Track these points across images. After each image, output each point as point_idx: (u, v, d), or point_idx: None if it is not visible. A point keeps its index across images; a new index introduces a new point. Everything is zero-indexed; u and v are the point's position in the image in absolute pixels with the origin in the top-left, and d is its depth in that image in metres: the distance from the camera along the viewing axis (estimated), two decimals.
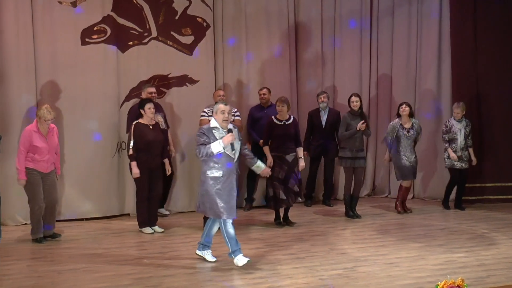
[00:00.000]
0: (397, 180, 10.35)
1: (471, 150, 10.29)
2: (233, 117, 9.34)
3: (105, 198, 9.66)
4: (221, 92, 9.82)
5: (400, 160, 9.95)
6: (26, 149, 7.92)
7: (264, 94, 10.21)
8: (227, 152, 6.94)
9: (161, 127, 9.15)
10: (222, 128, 6.98)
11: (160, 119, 9.32)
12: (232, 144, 6.95)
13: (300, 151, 9.09)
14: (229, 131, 7.00)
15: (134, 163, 8.46)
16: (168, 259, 7.38)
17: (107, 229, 8.98)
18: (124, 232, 8.78)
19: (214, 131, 6.96)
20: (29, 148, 7.94)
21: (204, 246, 7.32)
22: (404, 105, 9.97)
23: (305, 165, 9.18)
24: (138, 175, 8.48)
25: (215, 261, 7.19)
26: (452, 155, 10.09)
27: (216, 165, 6.93)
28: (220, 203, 6.92)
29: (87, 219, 9.52)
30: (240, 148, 7.14)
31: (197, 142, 6.96)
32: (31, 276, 6.72)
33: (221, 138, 6.91)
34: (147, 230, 8.63)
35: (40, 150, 7.95)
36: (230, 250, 7.02)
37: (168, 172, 8.97)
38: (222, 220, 6.98)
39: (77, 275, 6.76)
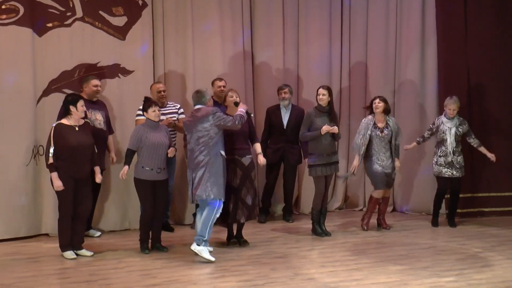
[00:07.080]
0: (374, 189, 10.40)
1: (482, 149, 10.27)
2: (177, 115, 9.43)
3: (17, 215, 9.52)
4: (161, 86, 9.80)
5: (372, 166, 9.94)
6: None
7: (224, 86, 10.06)
8: None
9: (98, 126, 9.28)
10: None
11: (98, 117, 9.36)
12: None
13: (258, 147, 9.05)
14: None
15: (54, 174, 8.33)
16: None
17: (19, 253, 8.86)
18: (41, 256, 8.67)
19: None
20: None
21: (206, 240, 8.39)
22: (377, 100, 9.93)
23: (265, 160, 9.11)
24: (61, 188, 8.36)
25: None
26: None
27: (224, 145, 8.52)
28: (223, 184, 8.41)
29: None
30: None
31: (224, 119, 8.38)
32: None
33: None
34: (69, 255, 8.51)
35: None
36: (206, 238, 8.32)
37: (98, 181, 8.81)
38: (218, 202, 8.37)
39: None
